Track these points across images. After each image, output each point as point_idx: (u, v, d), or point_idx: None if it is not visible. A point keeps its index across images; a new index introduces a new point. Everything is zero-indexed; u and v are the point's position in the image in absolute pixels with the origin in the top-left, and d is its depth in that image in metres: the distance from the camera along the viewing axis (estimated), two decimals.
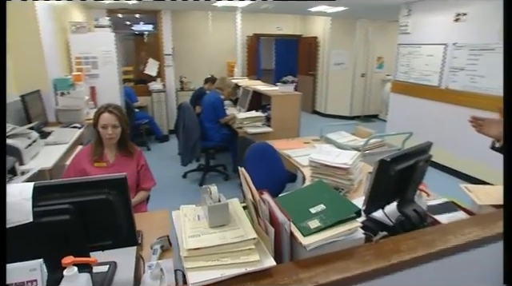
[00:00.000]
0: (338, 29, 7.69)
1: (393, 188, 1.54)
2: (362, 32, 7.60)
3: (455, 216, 1.80)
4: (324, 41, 8.03)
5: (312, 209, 1.38)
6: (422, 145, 1.61)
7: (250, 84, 4.78)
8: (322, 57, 8.19)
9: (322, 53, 8.17)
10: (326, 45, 7.93)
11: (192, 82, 6.99)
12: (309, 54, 8.49)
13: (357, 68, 7.81)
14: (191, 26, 7.74)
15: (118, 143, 2.20)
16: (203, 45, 7.83)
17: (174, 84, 6.74)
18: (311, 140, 3.45)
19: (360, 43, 7.67)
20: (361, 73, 7.87)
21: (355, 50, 7.69)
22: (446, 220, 1.72)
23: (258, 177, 2.30)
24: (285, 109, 3.92)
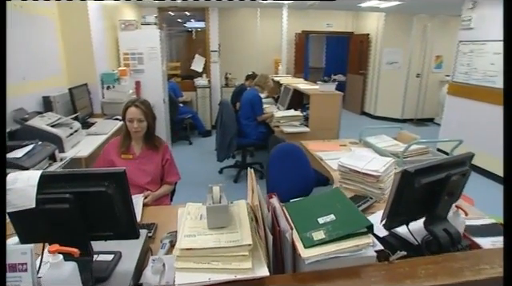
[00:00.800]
0: (393, 25, 7.21)
1: (418, 203, 1.36)
2: (420, 28, 7.04)
3: (501, 241, 1.55)
4: (376, 39, 7.59)
5: (320, 219, 1.26)
6: (458, 157, 1.39)
7: (291, 82, 4.65)
8: (373, 56, 7.75)
9: (373, 52, 7.73)
10: (379, 43, 7.49)
11: (237, 79, 7.02)
12: (360, 52, 8.10)
13: (411, 67, 7.27)
14: (239, 23, 7.79)
15: (144, 136, 2.24)
16: (251, 42, 7.84)
17: (219, 80, 6.83)
18: (349, 142, 3.25)
19: (416, 41, 7.11)
20: (416, 73, 7.30)
21: (410, 48, 7.15)
22: (489, 244, 1.48)
23: (282, 178, 2.22)
24: (324, 108, 3.74)
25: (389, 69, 7.43)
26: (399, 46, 7.25)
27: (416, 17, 6.97)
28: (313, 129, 3.72)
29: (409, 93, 7.39)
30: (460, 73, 4.95)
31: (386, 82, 7.54)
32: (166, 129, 4.85)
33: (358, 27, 8.36)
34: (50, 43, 3.30)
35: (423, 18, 6.97)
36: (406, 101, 7.43)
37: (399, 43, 7.23)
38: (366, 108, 8.15)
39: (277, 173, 2.16)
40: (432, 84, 7.30)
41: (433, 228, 1.37)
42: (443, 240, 1.33)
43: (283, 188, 2.11)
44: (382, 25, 7.31)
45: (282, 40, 6.21)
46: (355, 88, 8.34)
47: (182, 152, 5.47)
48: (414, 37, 7.09)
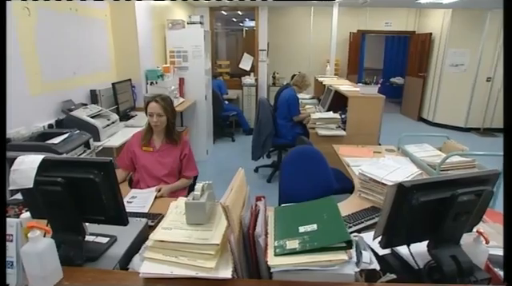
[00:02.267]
0: (461, 23, 6.52)
1: (420, 223, 1.20)
2: (494, 26, 6.25)
3: None
4: (440, 38, 6.93)
5: (302, 228, 1.18)
6: (472, 174, 1.19)
7: (335, 83, 4.46)
8: (435, 57, 7.09)
9: (436, 52, 7.07)
10: (443, 43, 6.83)
11: (285, 78, 6.96)
12: (421, 53, 7.48)
13: (481, 70, 6.51)
14: (291, 22, 7.70)
15: (165, 131, 2.32)
16: (303, 42, 7.71)
17: (267, 79, 6.81)
18: (385, 150, 3.01)
19: (489, 40, 6.34)
20: (486, 76, 6.52)
21: (481, 49, 6.40)
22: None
23: (294, 182, 2.12)
24: (363, 112, 3.51)
25: (453, 72, 6.75)
26: (467, 46, 6.54)
27: (491, 13, 6.22)
28: (350, 133, 3.52)
29: (476, 99, 6.64)
30: None
31: (448, 86, 6.86)
32: (207, 124, 4.96)
33: (421, 26, 7.73)
34: (102, 42, 3.57)
35: (499, 14, 6.19)
36: (472, 107, 6.68)
37: (467, 43, 6.53)
38: (424, 114, 7.51)
39: (289, 177, 2.07)
40: None
41: (437, 252, 1.21)
42: (447, 269, 1.16)
43: (295, 193, 2.02)
44: (448, 23, 6.65)
45: (332, 39, 5.97)
46: (414, 92, 7.73)
47: (224, 149, 5.57)
48: (486, 36, 6.34)
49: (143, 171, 2.29)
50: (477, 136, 6.55)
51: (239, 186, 1.30)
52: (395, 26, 7.92)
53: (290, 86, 4.27)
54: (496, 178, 1.28)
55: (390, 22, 7.90)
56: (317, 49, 7.50)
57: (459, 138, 6.28)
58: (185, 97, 4.61)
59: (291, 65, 7.30)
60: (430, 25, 7.33)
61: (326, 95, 4.41)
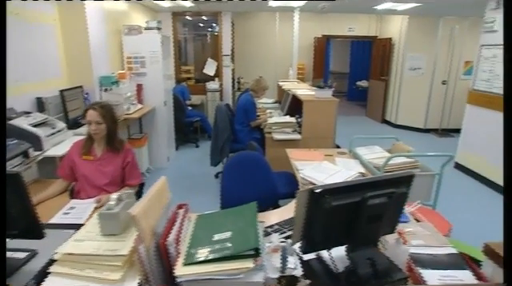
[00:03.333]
0: (417, 29, 6.79)
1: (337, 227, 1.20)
2: (446, 32, 6.56)
3: (453, 276, 1.33)
4: (399, 43, 7.19)
5: (217, 235, 1.17)
6: (381, 178, 1.21)
7: (294, 87, 4.50)
8: (396, 61, 7.35)
9: (396, 57, 7.33)
10: (401, 47, 7.08)
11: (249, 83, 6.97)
12: (382, 57, 7.72)
13: (436, 74, 6.79)
14: (257, 27, 7.76)
15: (105, 139, 2.25)
16: (269, 46, 7.78)
17: (232, 84, 6.81)
18: (337, 152, 3.06)
19: (443, 45, 6.63)
20: (442, 79, 6.81)
21: (436, 53, 6.69)
22: (436, 279, 1.28)
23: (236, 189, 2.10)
24: (318, 115, 3.56)
25: (412, 76, 7.01)
26: (423, 51, 6.81)
27: (442, 20, 6.52)
28: (305, 136, 3.55)
29: (433, 102, 6.91)
30: (481, 80, 4.52)
31: (408, 89, 7.11)
32: (168, 131, 4.88)
33: (382, 31, 7.99)
34: (50, 48, 3.44)
35: (450, 21, 6.50)
36: (430, 109, 6.95)
37: (423, 48, 6.80)
38: (388, 116, 7.74)
39: (230, 184, 2.05)
40: (460, 92, 6.74)
41: (354, 256, 1.22)
42: (362, 272, 1.18)
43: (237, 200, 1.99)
44: (405, 29, 6.91)
45: (293, 44, 6.05)
46: (377, 94, 7.96)
47: (187, 155, 5.49)
48: (439, 42, 6.63)
49: (83, 180, 2.21)
50: (435, 136, 6.80)
51: (157, 194, 1.27)
52: (358, 31, 8.14)
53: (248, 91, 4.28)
54: (410, 180, 1.30)
55: (353, 27, 8.11)
56: (282, 53, 7.58)
57: (419, 139, 6.55)
58: (143, 103, 4.52)
59: (257, 70, 7.34)
60: (390, 30, 7.59)
61: (285, 99, 4.45)
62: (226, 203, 2.03)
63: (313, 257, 1.37)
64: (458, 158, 4.90)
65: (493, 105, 4.30)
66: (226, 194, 2.05)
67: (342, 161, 2.75)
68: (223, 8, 6.19)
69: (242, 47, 7.71)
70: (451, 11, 6.03)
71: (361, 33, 8.17)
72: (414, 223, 1.85)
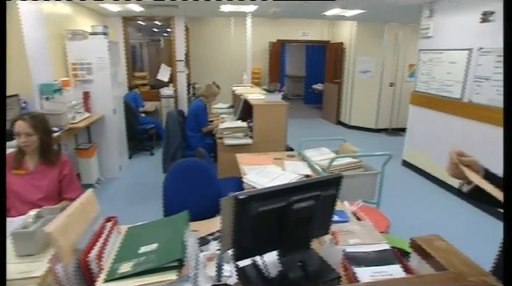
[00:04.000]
0: (365, 34, 7.12)
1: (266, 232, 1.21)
2: (392, 37, 6.94)
3: (384, 271, 1.39)
4: (350, 47, 7.49)
5: (143, 248, 1.13)
6: (306, 181, 1.24)
7: (246, 92, 4.53)
8: (347, 65, 7.65)
9: (347, 60, 7.63)
10: (352, 51, 7.39)
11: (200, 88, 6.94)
12: (335, 61, 8.01)
13: (385, 76, 7.15)
14: (212, 32, 7.75)
15: (39, 151, 2.11)
16: (224, 51, 7.79)
17: (187, 90, 6.72)
18: (286, 156, 3.10)
19: (389, 49, 7.01)
20: (389, 81, 7.18)
21: (383, 57, 7.05)
22: (368, 276, 1.33)
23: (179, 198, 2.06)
24: (269, 119, 3.60)
25: (362, 78, 7.32)
26: (372, 55, 7.15)
27: (387, 26, 6.89)
28: (256, 140, 3.58)
29: (382, 103, 7.27)
30: (421, 82, 4.83)
31: (360, 91, 7.42)
32: (119, 139, 4.71)
33: (334, 36, 8.29)
34: None
35: (395, 27, 6.88)
36: (380, 110, 7.30)
37: (372, 52, 7.14)
38: (342, 117, 8.02)
39: (173, 192, 2.01)
40: (406, 93, 7.12)
41: (285, 260, 1.23)
42: (293, 275, 1.19)
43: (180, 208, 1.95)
44: (355, 34, 7.22)
45: (247, 49, 6.10)
46: (331, 97, 8.23)
47: (141, 163, 5.33)
48: (386, 46, 7.00)
49: (14, 197, 2.06)
50: (386, 136, 7.15)
51: (81, 209, 1.21)
52: (312, 36, 8.39)
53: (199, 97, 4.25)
54: (339, 181, 1.35)
55: (306, 32, 8.35)
56: (238, 58, 7.62)
57: (370, 139, 6.85)
58: (91, 111, 4.33)
59: (213, 75, 7.32)
60: (342, 35, 7.89)
61: (237, 104, 4.47)
62: (169, 212, 1.98)
63: (248, 263, 1.38)
64: (405, 156, 5.18)
65: (431, 105, 4.60)
66: (168, 203, 2.00)
67: (290, 164, 2.80)
68: (175, 13, 6.10)
69: (197, 52, 7.66)
70: (394, 18, 6.39)
71: (314, 37, 8.42)
72: (355, 222, 1.92)
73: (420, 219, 3.50)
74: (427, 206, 3.86)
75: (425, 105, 4.73)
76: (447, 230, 1.46)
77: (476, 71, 3.89)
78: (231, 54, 7.76)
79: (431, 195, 4.17)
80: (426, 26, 4.65)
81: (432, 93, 4.58)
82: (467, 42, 4.01)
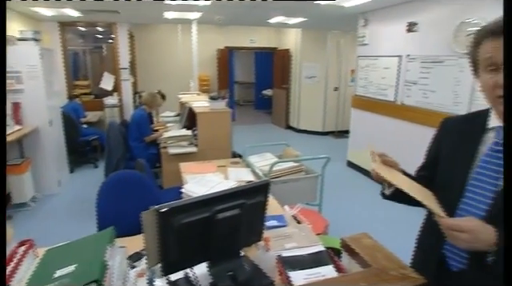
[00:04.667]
0: (309, 40, 7.41)
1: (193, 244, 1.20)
2: (334, 43, 7.30)
3: (317, 273, 1.43)
4: (296, 54, 7.75)
5: (59, 271, 1.06)
6: (228, 191, 1.24)
7: (192, 99, 4.48)
8: (294, 70, 7.90)
9: (294, 66, 7.88)
10: (298, 58, 7.65)
11: None
12: (282, 67, 8.22)
13: (329, 81, 7.48)
14: (159, 39, 7.60)
15: None
16: (172, 58, 7.67)
17: (133, 98, 6.51)
18: (230, 163, 3.11)
19: (332, 55, 7.35)
20: (334, 86, 7.52)
21: (327, 63, 7.37)
22: (302, 279, 1.36)
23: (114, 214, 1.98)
24: (213, 126, 3.59)
25: (308, 83, 7.59)
26: (316, 61, 7.45)
27: (330, 34, 7.22)
28: (202, 148, 3.55)
29: (328, 106, 7.58)
30: (360, 86, 5.12)
31: (306, 96, 7.69)
32: (57, 152, 4.42)
33: (281, 42, 8.52)
34: None
35: (336, 34, 7.23)
36: (327, 114, 7.60)
37: (316, 58, 7.43)
38: (291, 122, 8.24)
39: (107, 207, 1.93)
40: (349, 96, 7.48)
41: (215, 271, 1.23)
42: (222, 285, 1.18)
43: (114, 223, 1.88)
44: (300, 41, 7.48)
45: (193, 56, 6.06)
46: (280, 102, 8.43)
47: (83, 177, 5.05)
48: (329, 52, 7.32)
49: None
50: (332, 138, 7.46)
51: None
52: (259, 43, 8.55)
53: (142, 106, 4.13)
54: (266, 188, 1.38)
55: (254, 39, 8.48)
56: (185, 65, 7.53)
57: (318, 142, 7.11)
58: (22, 123, 4.02)
59: (160, 83, 7.17)
60: (288, 42, 8.13)
61: (183, 112, 4.41)
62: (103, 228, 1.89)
63: (181, 277, 1.36)
64: (349, 157, 5.44)
65: (370, 108, 4.89)
66: (102, 219, 1.92)
67: (234, 171, 2.81)
68: (117, 19, 5.90)
69: (143, 60, 7.46)
70: (335, 26, 6.71)
71: (262, 44, 8.59)
72: (294, 225, 1.96)
73: (360, 217, 3.68)
74: (368, 204, 4.07)
75: (364, 108, 5.02)
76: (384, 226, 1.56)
77: (406, 76, 4.21)
78: (179, 62, 7.66)
79: (373, 193, 4.36)
80: (362, 34, 4.94)
81: (370, 96, 4.87)
82: (397, 49, 4.33)
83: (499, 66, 0.91)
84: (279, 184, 2.62)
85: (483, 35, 0.95)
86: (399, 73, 4.32)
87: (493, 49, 0.92)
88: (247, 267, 1.39)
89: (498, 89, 0.92)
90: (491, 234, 0.88)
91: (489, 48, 0.93)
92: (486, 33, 0.95)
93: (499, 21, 0.92)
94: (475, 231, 0.88)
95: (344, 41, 7.25)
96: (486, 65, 0.94)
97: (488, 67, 0.94)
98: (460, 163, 1.07)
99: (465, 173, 1.04)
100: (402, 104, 4.27)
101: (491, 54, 0.92)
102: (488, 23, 0.95)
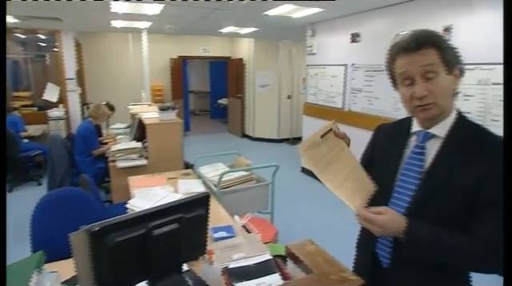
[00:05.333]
0: (262, 50, 7.56)
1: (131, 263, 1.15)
2: (286, 53, 7.50)
3: (264, 282, 1.44)
4: (249, 63, 7.86)
5: None
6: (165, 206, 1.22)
7: (142, 111, 4.36)
8: (248, 79, 7.99)
9: (248, 75, 7.98)
10: (251, 67, 7.76)
11: None
12: (236, 76, 8.29)
13: (282, 89, 7.66)
14: (109, 49, 7.34)
15: None
16: (123, 68, 7.43)
17: (81, 110, 6.20)
18: (181, 174, 3.06)
19: (284, 64, 7.55)
20: (287, 94, 7.71)
21: (279, 71, 7.56)
22: None
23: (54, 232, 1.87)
24: (164, 138, 3.52)
25: (262, 92, 7.72)
26: (269, 70, 7.60)
27: (282, 43, 7.41)
28: (152, 161, 3.46)
29: (282, 114, 7.75)
30: (310, 94, 5.29)
31: (261, 104, 7.80)
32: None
33: (234, 52, 8.59)
34: None
35: (288, 43, 7.44)
36: (281, 121, 7.76)
37: (269, 67, 7.59)
38: (247, 130, 8.30)
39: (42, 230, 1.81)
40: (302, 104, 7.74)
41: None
42: None
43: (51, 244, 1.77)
44: (253, 50, 7.60)
45: (144, 66, 5.92)
46: (235, 111, 8.47)
47: (24, 197, 4.69)
48: (281, 61, 7.52)
49: None
50: (287, 145, 7.62)
51: None
52: (213, 52, 8.56)
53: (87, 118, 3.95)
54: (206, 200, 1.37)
55: (207, 49, 8.48)
56: (137, 75, 7.33)
57: (273, 149, 7.21)
58: None
59: (111, 94, 6.91)
60: (241, 51, 8.22)
61: (133, 124, 4.28)
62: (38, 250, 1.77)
63: None
64: (303, 163, 5.57)
65: (321, 115, 5.07)
66: (37, 242, 1.79)
67: (184, 183, 2.76)
68: (60, 27, 5.61)
69: (93, 70, 7.16)
70: (287, 36, 6.91)
71: (215, 53, 8.60)
72: (243, 235, 1.97)
73: (312, 222, 3.77)
74: (320, 209, 4.19)
75: (315, 115, 5.19)
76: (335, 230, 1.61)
77: (352, 84, 4.43)
78: (130, 71, 7.44)
79: (324, 198, 4.52)
80: (310, 44, 5.13)
81: (320, 103, 5.05)
82: (343, 59, 4.55)
83: (414, 80, 0.99)
84: (229, 194, 2.62)
85: (396, 51, 1.03)
86: (346, 81, 4.53)
87: (405, 65, 1.00)
88: (190, 282, 1.37)
89: (414, 100, 1.00)
90: (401, 224, 0.97)
91: (402, 63, 1.01)
92: (398, 49, 1.02)
93: (409, 38, 1.00)
94: (386, 224, 0.97)
95: (295, 50, 7.47)
96: (402, 79, 1.02)
97: (404, 81, 1.02)
98: (389, 165, 1.14)
99: (393, 175, 1.12)
100: (350, 110, 4.47)
101: (404, 69, 1.00)
102: (399, 40, 1.03)
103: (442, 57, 0.96)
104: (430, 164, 1.03)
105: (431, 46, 0.96)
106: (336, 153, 1.12)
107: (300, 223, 3.79)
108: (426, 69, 0.96)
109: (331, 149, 1.12)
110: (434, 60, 0.96)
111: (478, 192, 0.94)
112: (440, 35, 1.00)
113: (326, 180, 1.06)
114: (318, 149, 1.09)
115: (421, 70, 0.96)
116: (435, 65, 0.96)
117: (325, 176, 1.06)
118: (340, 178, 1.08)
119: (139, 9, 4.25)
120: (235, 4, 3.71)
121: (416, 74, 0.97)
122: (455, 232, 0.96)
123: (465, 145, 0.99)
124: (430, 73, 0.96)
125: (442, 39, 0.99)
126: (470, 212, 0.96)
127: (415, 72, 0.97)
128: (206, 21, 4.95)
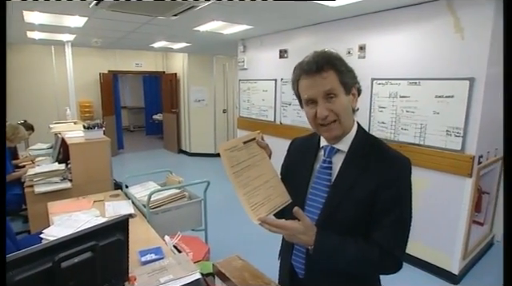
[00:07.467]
0: (196, 65, 7.55)
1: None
2: (220, 68, 7.59)
3: None
4: (183, 78, 7.79)
5: None
6: (75, 234, 1.14)
7: (65, 129, 4.06)
8: (182, 94, 7.90)
9: (182, 90, 7.89)
10: (186, 82, 7.69)
11: None
12: (171, 91, 8.14)
13: (217, 104, 7.70)
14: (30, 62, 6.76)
15: None
16: (47, 84, 6.87)
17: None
18: (109, 196, 2.89)
19: (218, 79, 7.62)
20: (222, 108, 7.77)
21: (214, 86, 7.60)
22: None
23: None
24: (90, 158, 3.31)
25: (197, 107, 7.68)
26: (204, 85, 7.60)
27: (215, 58, 7.48)
28: (77, 183, 3.22)
29: (218, 128, 7.77)
30: (243, 108, 5.40)
31: (196, 119, 7.74)
32: None
33: (168, 66, 8.46)
34: None
35: (222, 59, 7.54)
36: (217, 135, 7.77)
37: (203, 81, 7.59)
38: (183, 146, 8.16)
39: None
40: None
41: None
42: None
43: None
44: (187, 65, 7.56)
45: (69, 81, 5.54)
46: (170, 126, 8.29)
47: None
48: (215, 76, 7.57)
49: None
50: None
51: None
52: (146, 67, 8.32)
53: None
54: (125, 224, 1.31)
55: (140, 63, 8.23)
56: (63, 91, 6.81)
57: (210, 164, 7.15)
58: None
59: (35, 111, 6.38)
60: (175, 66, 8.12)
61: (55, 144, 3.96)
62: None
63: None
64: None
65: (254, 128, 5.15)
66: None
67: (112, 205, 2.62)
68: None
69: (12, 85, 6.47)
70: (220, 51, 7.00)
71: (148, 68, 8.38)
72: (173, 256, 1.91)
73: (245, 237, 3.66)
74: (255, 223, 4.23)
75: (249, 129, 5.29)
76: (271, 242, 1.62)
77: (282, 97, 4.62)
78: (54, 87, 6.90)
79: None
80: (241, 59, 5.26)
81: (253, 117, 5.18)
82: (273, 74, 4.74)
83: (315, 101, 1.06)
84: (160, 213, 2.54)
85: (299, 73, 1.10)
86: (276, 95, 4.71)
87: (306, 88, 1.07)
88: None
89: (318, 119, 1.07)
90: (311, 237, 1.03)
91: (304, 85, 1.08)
92: (301, 71, 1.09)
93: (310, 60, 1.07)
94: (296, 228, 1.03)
95: (229, 65, 7.59)
96: (305, 100, 1.09)
97: (307, 102, 1.09)
98: (301, 178, 1.20)
99: (305, 187, 1.18)
100: (281, 123, 4.65)
101: (307, 95, 1.06)
102: (302, 61, 1.10)
103: (340, 79, 1.05)
104: (335, 177, 1.12)
105: (330, 69, 1.04)
106: (255, 161, 1.14)
107: (234, 237, 3.79)
108: (327, 92, 1.03)
109: (251, 156, 1.13)
110: (334, 84, 1.03)
111: (373, 202, 1.04)
112: (339, 58, 1.08)
113: (239, 185, 1.06)
114: (238, 153, 1.10)
115: (322, 94, 1.04)
116: (335, 88, 1.04)
117: (239, 181, 1.07)
118: (254, 185, 1.09)
119: (60, 22, 4.00)
120: (163, 19, 3.68)
121: (318, 97, 1.04)
122: (358, 240, 1.04)
123: (364, 159, 1.09)
124: (331, 94, 1.04)
125: (340, 62, 1.07)
126: (370, 220, 1.06)
127: (317, 95, 1.04)
128: (134, 35, 4.82)
